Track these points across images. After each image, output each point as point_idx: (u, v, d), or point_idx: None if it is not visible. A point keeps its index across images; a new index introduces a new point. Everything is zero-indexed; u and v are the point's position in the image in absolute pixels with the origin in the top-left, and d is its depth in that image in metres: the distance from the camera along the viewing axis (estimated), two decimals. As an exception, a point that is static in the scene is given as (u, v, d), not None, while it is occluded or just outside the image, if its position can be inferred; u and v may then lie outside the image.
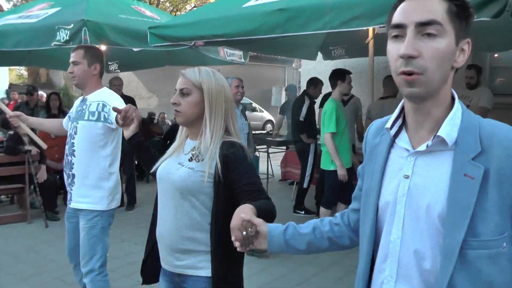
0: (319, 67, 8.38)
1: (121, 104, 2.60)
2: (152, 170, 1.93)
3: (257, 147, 8.36)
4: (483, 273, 1.00)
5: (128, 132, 2.10)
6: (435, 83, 1.05)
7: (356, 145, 5.80)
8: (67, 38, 4.69)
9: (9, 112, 3.04)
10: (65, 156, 2.79)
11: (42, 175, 5.28)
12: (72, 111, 2.92)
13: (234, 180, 1.72)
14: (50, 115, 6.19)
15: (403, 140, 1.15)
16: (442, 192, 1.04)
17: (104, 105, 2.74)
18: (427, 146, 1.08)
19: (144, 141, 2.21)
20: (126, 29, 5.09)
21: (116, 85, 5.80)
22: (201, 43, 4.77)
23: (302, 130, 5.69)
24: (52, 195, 5.52)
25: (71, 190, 2.76)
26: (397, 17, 1.06)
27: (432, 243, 1.05)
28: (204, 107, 1.78)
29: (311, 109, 5.70)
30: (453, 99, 1.11)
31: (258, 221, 1.33)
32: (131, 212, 5.77)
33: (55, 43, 4.80)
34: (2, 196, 6.01)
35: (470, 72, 5.06)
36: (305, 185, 5.74)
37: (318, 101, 6.16)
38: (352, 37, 5.70)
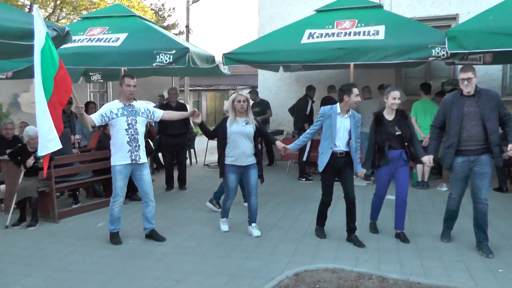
0: (275, 76, 11.03)
1: (150, 106, 4.99)
2: (231, 129, 4.82)
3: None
4: None
5: (198, 119, 4.88)
6: None
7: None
8: (171, 60, 6.45)
9: (78, 102, 4.56)
10: (130, 135, 4.67)
11: None
12: (118, 112, 4.67)
13: (262, 130, 4.98)
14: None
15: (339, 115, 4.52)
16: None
17: (148, 109, 4.89)
18: None
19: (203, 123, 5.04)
20: (196, 53, 7.02)
21: (172, 94, 7.67)
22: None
23: (306, 121, 8.28)
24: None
25: (139, 153, 4.73)
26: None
27: None
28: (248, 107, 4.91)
29: (312, 107, 8.36)
30: None
31: (287, 146, 4.85)
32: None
33: (156, 63, 6.50)
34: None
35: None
36: (304, 159, 8.25)
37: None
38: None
